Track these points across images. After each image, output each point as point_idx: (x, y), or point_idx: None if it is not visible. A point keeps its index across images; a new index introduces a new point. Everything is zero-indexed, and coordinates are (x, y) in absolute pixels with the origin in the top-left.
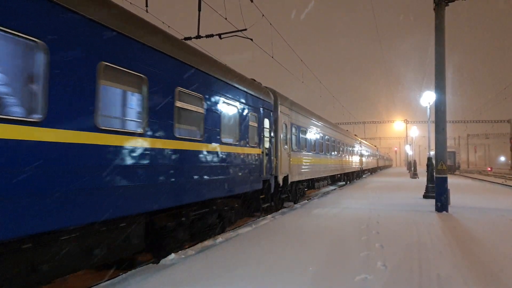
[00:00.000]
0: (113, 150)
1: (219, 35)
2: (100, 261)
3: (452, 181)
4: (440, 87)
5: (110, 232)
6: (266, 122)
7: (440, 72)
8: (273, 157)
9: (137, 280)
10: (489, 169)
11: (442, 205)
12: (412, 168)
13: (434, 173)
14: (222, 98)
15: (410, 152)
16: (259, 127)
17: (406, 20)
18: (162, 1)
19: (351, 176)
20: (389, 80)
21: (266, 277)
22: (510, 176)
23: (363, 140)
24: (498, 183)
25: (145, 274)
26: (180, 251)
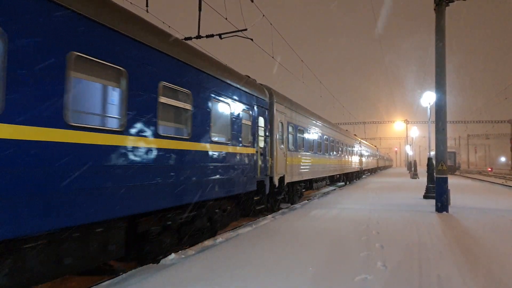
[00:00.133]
0: (87, 149)
1: (220, 35)
2: (71, 271)
3: (453, 182)
4: (441, 87)
5: (84, 239)
6: (261, 121)
7: (441, 72)
8: (268, 157)
9: (137, 280)
10: (490, 170)
11: (443, 206)
12: (412, 168)
13: (434, 174)
14: (213, 95)
15: (410, 153)
16: (253, 126)
17: (407, 20)
18: (163, 1)
19: (351, 177)
20: (390, 80)
21: (267, 277)
22: (511, 177)
23: (363, 140)
24: (499, 184)
25: (145, 274)
26: (180, 251)
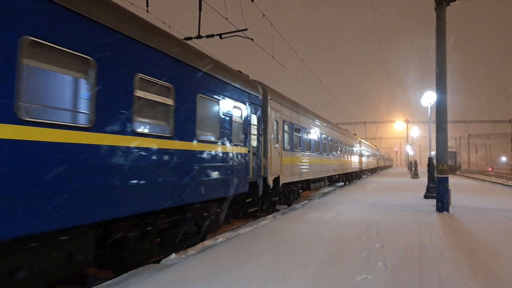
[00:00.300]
0: (45, 148)
1: (220, 35)
2: (28, 285)
3: (453, 181)
4: (441, 87)
5: (44, 249)
6: (254, 118)
7: (441, 72)
8: (262, 157)
9: (137, 280)
10: (490, 169)
11: (443, 205)
12: (413, 168)
13: (435, 173)
14: (199, 89)
15: (411, 152)
16: (245, 124)
17: (407, 20)
18: (163, 1)
19: (350, 177)
20: (390, 80)
21: (267, 277)
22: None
23: (363, 140)
24: (499, 183)
25: (146, 274)
26: (181, 251)
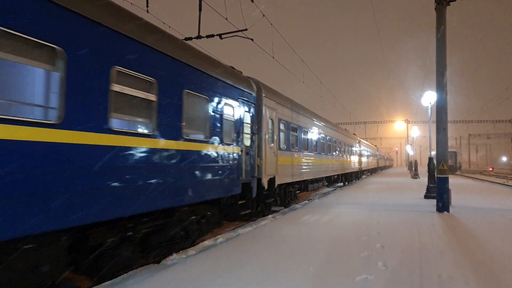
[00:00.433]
0: (3, 146)
1: (220, 35)
2: None
3: (453, 181)
4: (441, 87)
5: (4, 259)
6: (247, 117)
7: (441, 72)
8: (256, 157)
9: (137, 280)
10: (491, 169)
11: (443, 205)
12: (413, 168)
13: (435, 173)
14: (186, 85)
15: (411, 152)
16: (238, 122)
17: (407, 20)
18: (163, 1)
19: (349, 177)
20: (390, 80)
21: (267, 277)
22: None
23: (363, 140)
24: (500, 184)
25: (146, 274)
26: (181, 251)
